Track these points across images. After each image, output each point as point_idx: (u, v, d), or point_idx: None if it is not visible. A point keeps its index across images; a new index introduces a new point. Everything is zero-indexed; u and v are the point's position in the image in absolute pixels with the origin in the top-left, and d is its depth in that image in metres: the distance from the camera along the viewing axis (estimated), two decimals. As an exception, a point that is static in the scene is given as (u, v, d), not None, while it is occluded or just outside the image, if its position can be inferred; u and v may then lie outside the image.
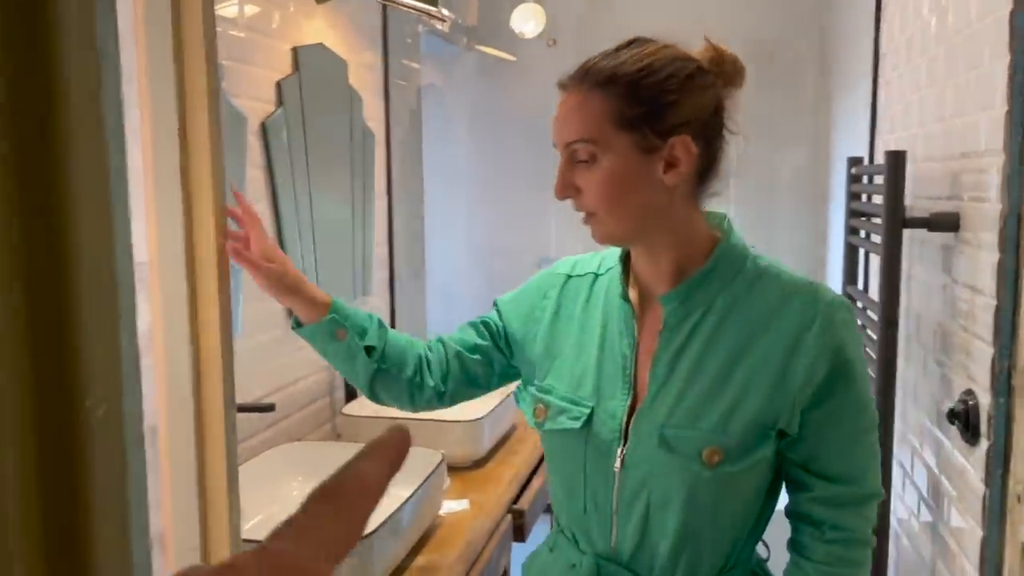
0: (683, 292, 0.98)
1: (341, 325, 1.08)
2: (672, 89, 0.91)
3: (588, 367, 1.02)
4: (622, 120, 0.91)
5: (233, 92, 1.61)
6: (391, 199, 2.40)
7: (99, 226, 0.45)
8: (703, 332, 0.97)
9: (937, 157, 1.57)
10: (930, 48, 1.61)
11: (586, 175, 0.93)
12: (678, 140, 0.91)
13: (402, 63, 2.49)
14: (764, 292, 0.96)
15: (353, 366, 1.11)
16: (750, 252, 1.00)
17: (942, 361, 1.54)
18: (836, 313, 0.94)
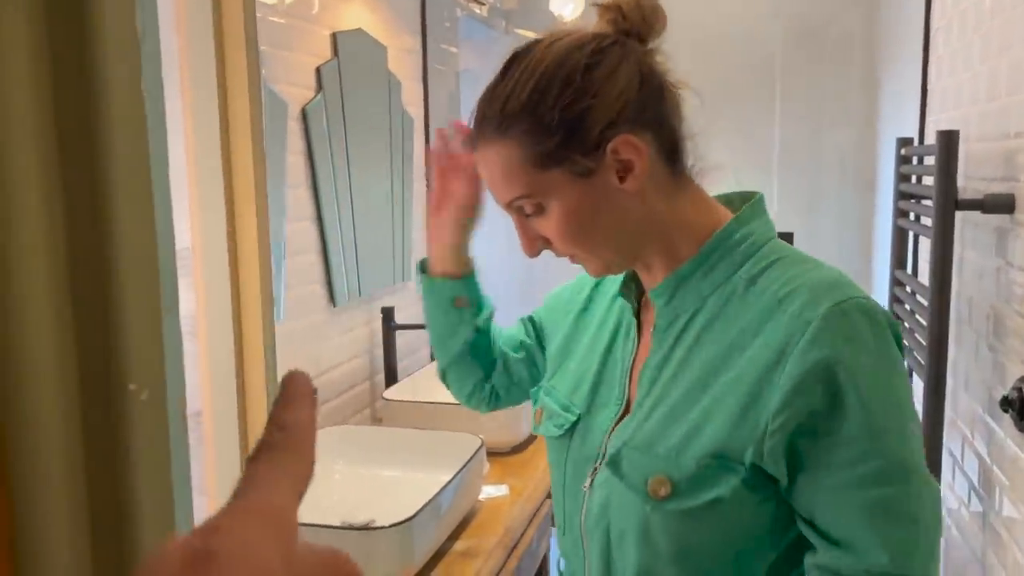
0: (670, 287, 0.82)
1: (469, 294, 1.03)
2: (576, 96, 0.76)
3: (588, 371, 0.91)
4: (541, 160, 0.77)
5: (273, 78, 1.62)
6: (429, 184, 2.39)
7: (141, 214, 0.45)
8: (688, 338, 0.81)
9: (991, 136, 1.51)
10: (984, 23, 1.56)
11: (543, 224, 0.81)
12: (617, 143, 0.76)
13: (441, 47, 2.48)
14: (760, 293, 0.77)
15: (450, 339, 1.04)
16: (765, 240, 0.82)
17: (995, 346, 1.50)
18: (840, 320, 0.72)
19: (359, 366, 2.01)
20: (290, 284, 1.69)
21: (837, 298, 0.73)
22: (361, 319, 2.02)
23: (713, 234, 0.81)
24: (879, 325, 0.74)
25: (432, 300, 1.04)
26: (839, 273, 0.79)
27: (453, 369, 1.08)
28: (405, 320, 2.21)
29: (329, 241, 1.82)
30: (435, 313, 1.04)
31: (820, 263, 0.81)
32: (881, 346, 0.73)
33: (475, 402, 1.11)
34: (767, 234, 0.82)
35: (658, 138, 0.79)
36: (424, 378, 2.08)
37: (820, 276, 0.77)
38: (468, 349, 1.05)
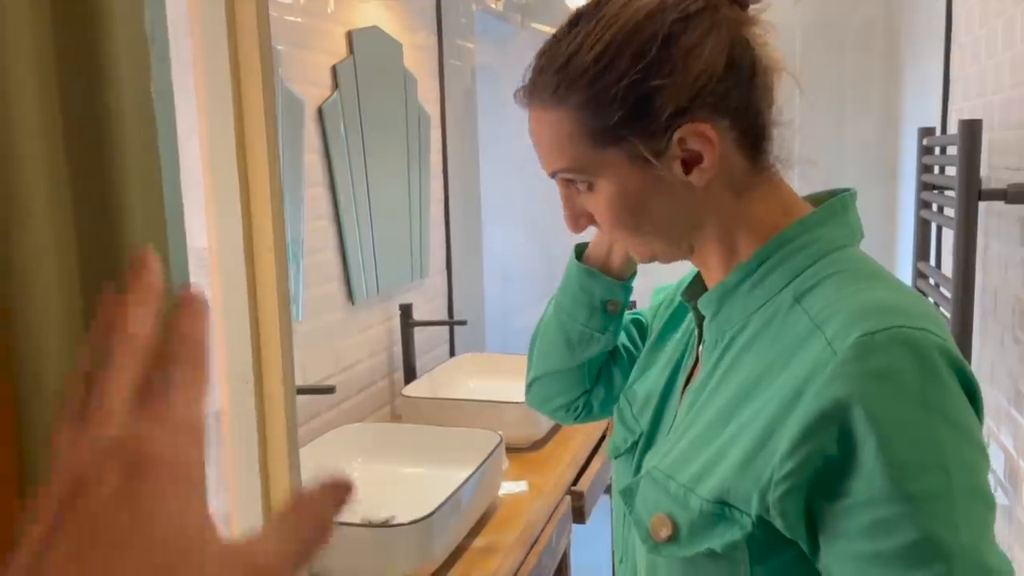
0: (717, 299, 0.71)
1: (624, 300, 0.89)
2: (647, 72, 0.65)
3: (660, 383, 0.81)
4: (597, 136, 0.67)
5: (289, 78, 1.62)
6: (447, 179, 2.40)
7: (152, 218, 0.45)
8: (727, 359, 0.69)
9: (1015, 125, 1.49)
10: (1007, 8, 1.53)
11: (591, 201, 0.72)
12: (686, 132, 0.65)
13: (456, 43, 2.48)
14: (803, 312, 0.64)
15: (582, 346, 0.90)
16: (837, 248, 0.68)
17: (1020, 339, 1.47)
18: (872, 352, 0.57)
19: (378, 363, 2.02)
20: (309, 283, 1.70)
21: (876, 325, 0.58)
22: (379, 316, 2.02)
23: (773, 236, 0.69)
24: (931, 364, 0.58)
25: (580, 296, 0.88)
26: (908, 296, 0.64)
27: (557, 380, 0.94)
28: (423, 317, 2.21)
29: (347, 239, 1.82)
30: (576, 311, 0.89)
31: (892, 282, 0.67)
32: (929, 391, 0.57)
33: (562, 415, 0.98)
34: (837, 241, 0.69)
35: (739, 126, 0.67)
36: (442, 374, 2.08)
37: (874, 298, 0.62)
38: (594, 361, 0.93)
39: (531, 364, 0.99)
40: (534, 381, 0.98)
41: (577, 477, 1.73)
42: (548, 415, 1.01)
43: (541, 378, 0.97)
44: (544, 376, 0.96)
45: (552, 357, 0.94)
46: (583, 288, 0.88)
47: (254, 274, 1.04)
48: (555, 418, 1.01)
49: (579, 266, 0.89)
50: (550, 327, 0.94)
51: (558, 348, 0.92)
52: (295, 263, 1.64)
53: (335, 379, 1.79)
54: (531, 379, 0.99)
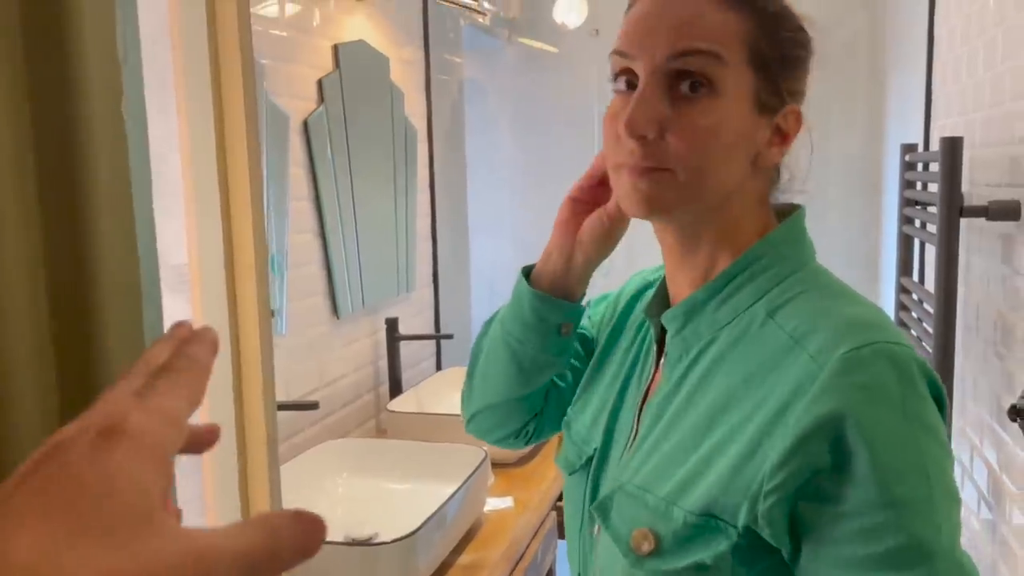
0: (683, 314, 0.72)
1: (576, 323, 0.85)
2: (805, 43, 0.70)
3: (610, 399, 0.80)
4: (755, 52, 0.66)
5: (275, 91, 1.62)
6: (434, 193, 2.40)
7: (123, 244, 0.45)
8: (696, 372, 0.70)
9: (995, 143, 1.50)
10: (988, 29, 1.55)
11: (689, 109, 0.66)
12: (793, 109, 0.70)
13: (444, 57, 2.48)
14: (778, 328, 0.66)
15: (535, 373, 0.86)
16: (801, 265, 0.71)
17: (1003, 354, 1.48)
18: (858, 367, 0.60)
19: (363, 377, 2.01)
20: (293, 296, 1.69)
21: (859, 341, 0.61)
22: (365, 330, 2.01)
23: (743, 252, 0.70)
24: (909, 377, 0.61)
25: (534, 322, 0.83)
26: (877, 312, 0.67)
27: (504, 409, 0.90)
28: (409, 330, 2.20)
29: (332, 253, 1.82)
30: (528, 338, 0.83)
31: (858, 299, 0.69)
32: (909, 401, 0.60)
33: (512, 442, 0.95)
34: (801, 258, 0.72)
35: None
36: (428, 389, 2.07)
37: (849, 314, 0.65)
38: (544, 387, 0.89)
39: (472, 394, 0.93)
40: (478, 413, 0.92)
41: (562, 492, 1.72)
42: (495, 444, 0.96)
43: (486, 409, 0.91)
44: (490, 407, 0.90)
45: (500, 386, 0.88)
46: (537, 314, 0.82)
47: (235, 290, 1.03)
48: (504, 446, 0.96)
49: (532, 293, 0.82)
50: (498, 355, 0.87)
51: (508, 377, 0.87)
52: (279, 276, 1.63)
53: (319, 394, 1.78)
54: (474, 410, 0.93)
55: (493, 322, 0.91)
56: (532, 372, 0.86)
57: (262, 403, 1.07)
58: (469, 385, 0.94)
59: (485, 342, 0.91)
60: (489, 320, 0.93)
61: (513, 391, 0.88)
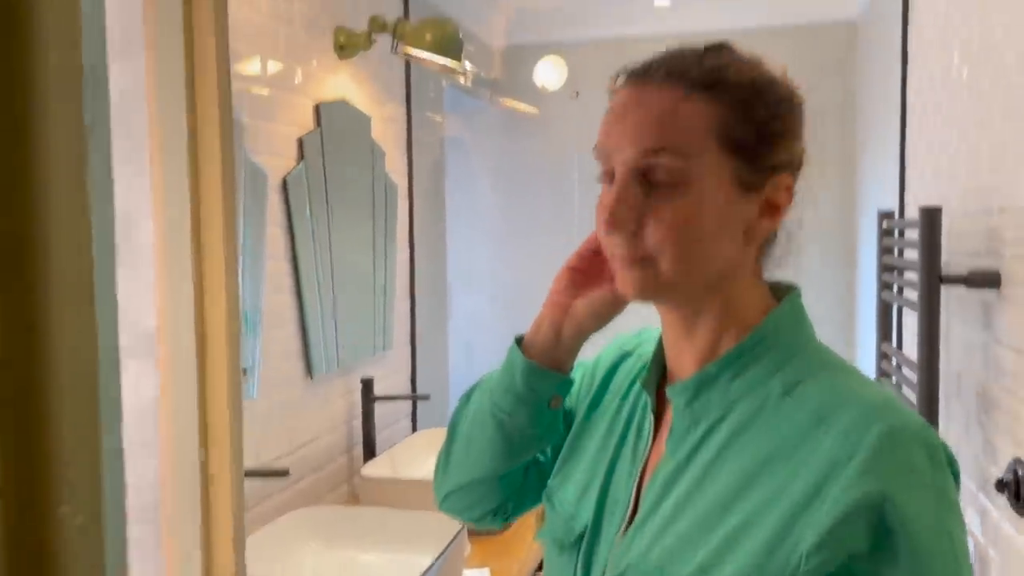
0: (694, 387, 0.71)
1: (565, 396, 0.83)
2: (783, 116, 0.70)
3: (599, 472, 0.78)
4: (726, 138, 0.67)
5: (255, 150, 1.61)
6: (413, 251, 2.38)
7: (80, 319, 0.42)
8: (709, 449, 0.69)
9: (973, 212, 1.51)
10: (962, 99, 1.57)
11: (660, 204, 0.67)
12: (783, 180, 0.70)
13: (425, 116, 2.49)
14: (799, 405, 0.66)
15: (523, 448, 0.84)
16: (806, 342, 0.72)
17: (985, 423, 1.47)
18: (896, 448, 0.61)
19: (336, 440, 1.96)
20: (266, 358, 1.65)
21: (893, 422, 0.62)
22: (339, 391, 1.97)
23: (752, 328, 0.71)
24: (939, 460, 0.63)
25: (525, 395, 0.80)
26: (889, 392, 0.69)
27: (483, 486, 0.86)
28: (385, 390, 2.16)
29: (308, 313, 1.79)
30: (518, 411, 0.81)
31: (865, 377, 0.71)
32: (940, 485, 0.63)
33: (489, 520, 0.91)
34: (805, 336, 0.73)
35: None
36: (404, 451, 2.02)
37: (869, 394, 0.66)
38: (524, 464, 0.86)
39: (449, 470, 0.88)
40: (455, 491, 0.88)
41: (541, 562, 1.67)
42: (472, 523, 0.92)
43: (465, 486, 0.86)
44: (470, 483, 0.86)
45: (484, 462, 0.84)
46: (530, 387, 0.80)
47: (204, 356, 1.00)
48: (481, 526, 0.92)
49: (528, 364, 0.80)
50: (484, 429, 0.83)
51: (495, 452, 0.83)
52: (253, 335, 1.60)
53: (290, 458, 1.73)
54: (450, 488, 0.88)
55: (474, 394, 0.88)
56: (519, 446, 0.83)
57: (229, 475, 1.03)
58: (446, 461, 0.89)
59: (466, 414, 0.88)
60: (467, 393, 0.90)
61: (497, 466, 0.84)
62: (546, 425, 0.83)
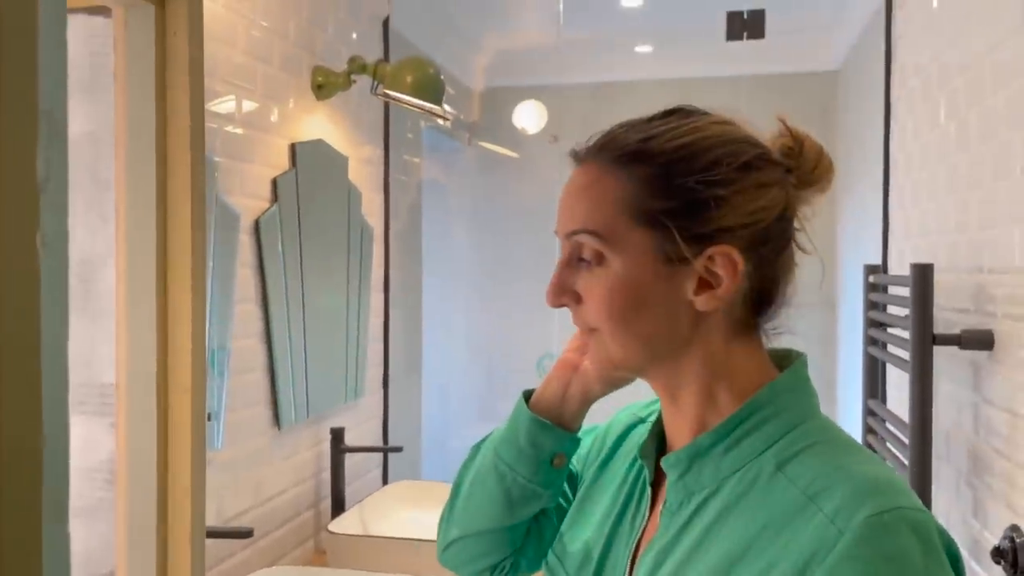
0: (687, 459, 0.69)
1: (569, 454, 0.82)
2: (717, 181, 0.66)
3: (598, 543, 0.77)
4: (641, 212, 0.67)
5: (227, 190, 1.55)
6: (388, 294, 2.32)
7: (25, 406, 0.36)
8: (698, 525, 0.67)
9: (962, 269, 1.49)
10: (949, 156, 1.57)
11: (589, 279, 0.69)
12: (719, 251, 0.66)
13: (403, 158, 2.45)
14: (791, 481, 0.63)
15: (523, 505, 0.82)
16: (807, 416, 0.68)
17: (976, 486, 1.43)
18: (882, 534, 0.57)
19: (303, 492, 1.87)
20: (232, 406, 1.57)
21: (881, 505, 0.58)
22: (308, 441, 1.89)
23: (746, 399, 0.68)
24: (932, 547, 0.58)
25: (528, 449, 0.80)
26: (889, 472, 0.64)
27: (484, 540, 0.85)
28: (355, 439, 2.08)
29: (277, 359, 1.71)
30: (520, 465, 0.80)
31: (869, 455, 0.66)
32: (932, 572, 0.58)
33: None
34: (808, 408, 0.69)
35: (758, 277, 0.68)
36: (373, 506, 1.94)
37: (865, 473, 0.62)
38: (527, 521, 0.84)
39: (451, 520, 0.88)
40: (456, 541, 0.87)
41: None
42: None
43: (466, 538, 0.85)
44: (470, 536, 0.85)
45: (484, 515, 0.84)
46: (532, 441, 0.80)
47: (166, 411, 0.93)
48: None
49: (532, 417, 0.80)
50: (486, 480, 0.83)
51: (494, 505, 0.82)
52: (220, 378, 1.52)
53: (254, 513, 1.64)
54: (452, 538, 0.87)
55: (483, 446, 0.88)
56: (519, 502, 0.82)
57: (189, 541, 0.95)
58: (450, 510, 0.89)
59: (472, 466, 0.88)
60: (477, 444, 0.90)
61: (496, 520, 0.83)
62: (547, 482, 0.81)
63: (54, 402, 0.39)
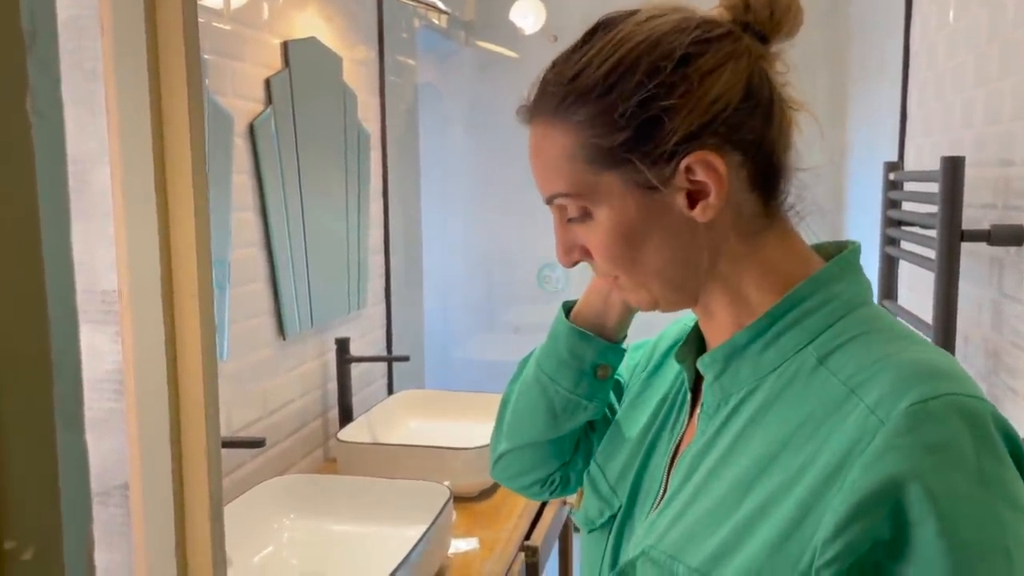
0: (723, 358, 0.65)
1: (614, 365, 0.79)
2: (656, 93, 0.60)
3: (639, 452, 0.74)
4: (598, 156, 0.62)
5: (218, 90, 1.46)
6: (387, 202, 2.25)
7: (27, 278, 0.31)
8: (736, 424, 0.63)
9: (988, 163, 1.44)
10: (980, 45, 1.49)
11: (586, 233, 0.66)
12: (693, 160, 0.61)
13: (398, 59, 2.34)
14: (832, 374, 0.59)
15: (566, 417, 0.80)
16: (855, 306, 0.63)
17: (994, 382, 1.42)
18: (926, 422, 0.52)
19: (311, 403, 1.85)
20: (235, 317, 1.53)
21: (927, 392, 0.53)
22: (313, 352, 1.86)
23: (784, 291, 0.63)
24: (985, 434, 0.53)
25: (568, 360, 0.78)
26: (946, 358, 0.59)
27: (532, 452, 0.83)
28: (360, 350, 2.06)
29: (278, 268, 1.66)
30: (561, 376, 0.78)
31: (924, 343, 0.61)
32: (986, 465, 0.52)
33: (536, 490, 0.87)
34: (857, 299, 0.63)
35: (752, 163, 0.62)
36: (380, 415, 1.93)
37: (914, 360, 0.56)
38: (575, 434, 0.82)
39: (500, 434, 0.87)
40: (505, 454, 0.86)
41: (530, 530, 1.60)
42: (519, 491, 0.89)
43: (514, 451, 0.85)
44: (517, 448, 0.84)
45: (530, 427, 0.82)
46: (572, 352, 0.78)
47: (173, 320, 0.88)
48: (527, 494, 0.89)
49: (570, 327, 0.78)
50: (530, 393, 0.82)
51: (538, 417, 0.81)
52: (220, 291, 1.47)
53: (263, 423, 1.62)
54: (501, 451, 0.87)
55: (528, 360, 0.86)
56: (563, 414, 0.80)
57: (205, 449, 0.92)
58: (499, 424, 0.88)
59: (519, 380, 0.86)
60: (524, 359, 0.88)
61: (542, 433, 0.82)
62: (591, 394, 0.79)
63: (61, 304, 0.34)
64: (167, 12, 0.83)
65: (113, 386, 0.93)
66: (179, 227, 0.83)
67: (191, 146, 0.82)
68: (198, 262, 0.84)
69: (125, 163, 0.81)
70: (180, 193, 0.83)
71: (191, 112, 0.82)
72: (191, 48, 0.84)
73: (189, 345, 0.88)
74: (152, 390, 0.87)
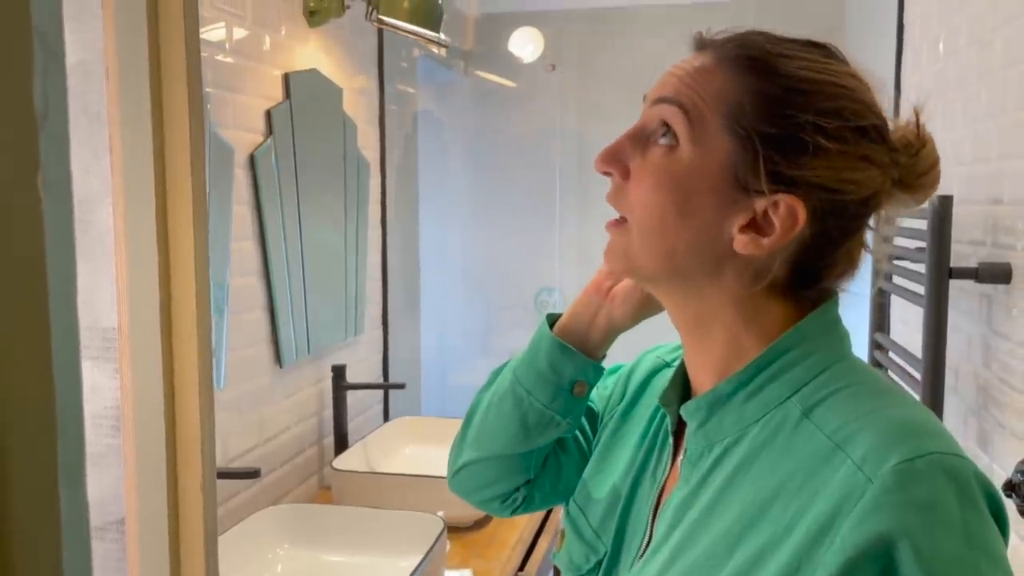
0: (707, 407, 0.66)
1: (591, 383, 0.79)
2: (827, 130, 0.60)
3: (622, 492, 0.74)
4: (738, 122, 0.61)
5: (220, 122, 1.49)
6: (385, 230, 2.27)
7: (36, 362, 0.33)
8: (720, 475, 0.63)
9: (977, 201, 1.46)
10: (969, 84, 1.51)
11: (648, 160, 0.64)
12: (791, 200, 0.60)
13: (398, 89, 2.38)
14: (817, 428, 0.59)
15: (538, 432, 0.79)
16: (836, 359, 0.63)
17: (984, 417, 1.43)
18: (913, 481, 0.53)
19: (307, 430, 1.86)
20: (233, 345, 1.54)
21: (913, 450, 0.54)
22: (310, 379, 1.87)
23: (770, 343, 0.64)
24: (969, 493, 0.54)
25: (547, 373, 0.77)
26: (926, 415, 0.60)
27: (496, 465, 0.82)
28: (356, 377, 2.07)
29: (276, 296, 1.68)
30: (539, 390, 0.78)
31: (904, 398, 0.62)
32: (971, 525, 0.53)
33: (496, 506, 0.87)
34: (836, 351, 0.64)
35: (808, 248, 0.62)
36: (376, 442, 1.93)
37: (898, 417, 0.57)
38: (543, 450, 0.82)
39: (464, 443, 0.85)
40: (468, 464, 0.84)
41: (524, 560, 1.60)
42: (478, 505, 0.88)
43: (479, 462, 0.83)
44: (483, 460, 0.83)
45: (498, 438, 0.81)
46: (553, 365, 0.77)
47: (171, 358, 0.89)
48: (487, 509, 0.88)
49: (553, 340, 0.77)
50: (503, 404, 0.80)
51: (509, 429, 0.80)
52: (219, 318, 1.49)
53: (259, 451, 1.63)
54: (464, 461, 0.84)
55: (502, 370, 0.85)
56: (535, 428, 0.79)
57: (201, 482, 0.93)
58: (464, 433, 0.86)
59: (489, 389, 0.85)
60: (496, 369, 0.87)
61: (510, 446, 0.80)
62: (566, 410, 0.78)
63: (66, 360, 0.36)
64: (171, 56, 0.85)
65: (111, 422, 0.94)
66: (179, 265, 0.85)
67: (192, 183, 0.83)
68: (197, 301, 0.86)
69: (128, 202, 0.83)
70: (180, 233, 0.84)
71: (192, 154, 0.84)
72: (194, 92, 0.86)
73: (187, 381, 0.89)
74: (149, 426, 0.88)
